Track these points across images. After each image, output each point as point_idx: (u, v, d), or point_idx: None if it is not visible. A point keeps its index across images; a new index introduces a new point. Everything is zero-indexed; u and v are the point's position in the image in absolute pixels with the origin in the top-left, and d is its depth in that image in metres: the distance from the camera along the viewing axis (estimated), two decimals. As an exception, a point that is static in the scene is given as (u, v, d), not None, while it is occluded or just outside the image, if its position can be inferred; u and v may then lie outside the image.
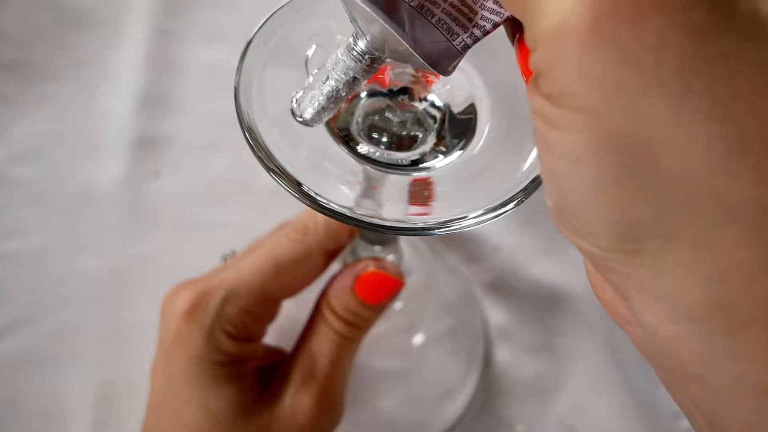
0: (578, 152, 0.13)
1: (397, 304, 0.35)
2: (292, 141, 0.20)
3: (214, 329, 0.26)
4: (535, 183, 0.20)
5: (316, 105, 0.19)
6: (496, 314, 0.38)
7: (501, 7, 0.16)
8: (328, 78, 0.19)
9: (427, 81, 0.23)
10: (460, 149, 0.22)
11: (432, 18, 0.17)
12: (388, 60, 0.19)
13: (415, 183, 0.21)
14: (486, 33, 0.17)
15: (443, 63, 0.17)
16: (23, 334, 0.35)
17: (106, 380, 0.34)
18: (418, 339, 0.36)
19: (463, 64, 0.23)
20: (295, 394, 0.27)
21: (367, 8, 0.16)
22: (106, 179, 0.39)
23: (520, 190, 0.19)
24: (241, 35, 0.22)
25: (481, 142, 0.22)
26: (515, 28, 0.16)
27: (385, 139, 0.23)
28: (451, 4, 0.17)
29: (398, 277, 0.28)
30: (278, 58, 0.21)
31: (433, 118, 0.23)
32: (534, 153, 0.20)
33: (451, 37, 0.17)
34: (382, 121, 0.23)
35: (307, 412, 0.27)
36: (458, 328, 0.37)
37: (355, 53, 0.18)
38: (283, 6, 0.22)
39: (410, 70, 0.23)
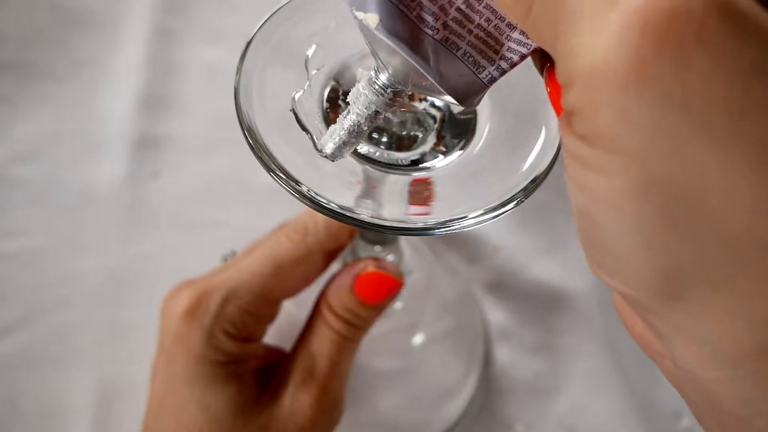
0: (617, 196, 0.12)
1: (397, 304, 0.35)
2: (292, 141, 0.20)
3: (214, 329, 0.26)
4: (535, 183, 0.20)
5: (337, 140, 0.19)
6: (496, 314, 0.38)
7: (528, 38, 0.16)
8: (349, 112, 0.19)
9: (427, 81, 0.23)
10: (460, 149, 0.22)
11: (457, 51, 0.16)
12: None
13: (415, 183, 0.21)
14: (513, 65, 0.16)
15: (469, 97, 0.17)
16: (23, 334, 0.35)
17: (106, 380, 0.34)
18: (418, 339, 0.36)
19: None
20: (294, 394, 0.27)
21: (390, 42, 0.16)
22: (106, 179, 0.39)
23: (520, 190, 0.19)
24: (241, 35, 0.22)
25: (481, 142, 0.22)
26: (544, 58, 0.16)
27: (385, 139, 0.22)
28: (476, 36, 0.16)
29: (398, 277, 0.28)
30: (278, 58, 0.21)
31: (433, 118, 0.23)
32: (534, 153, 0.20)
33: (477, 70, 0.16)
34: (382, 121, 0.23)
35: (306, 412, 0.27)
36: (458, 328, 0.37)
37: (376, 87, 0.18)
38: (283, 6, 0.22)
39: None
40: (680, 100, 0.11)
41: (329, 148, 0.19)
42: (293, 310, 0.31)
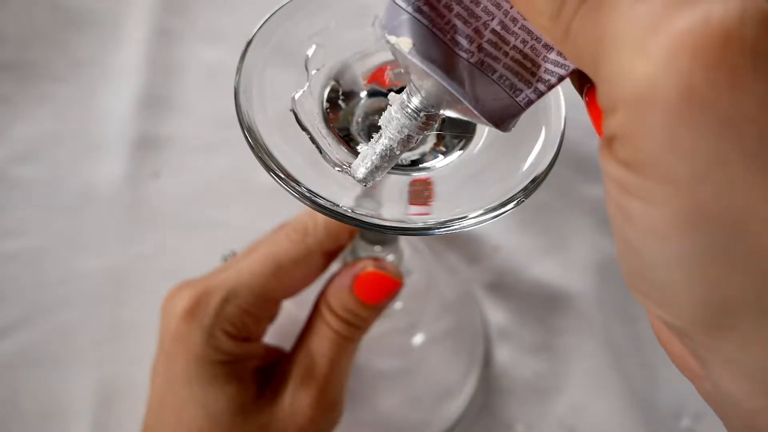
0: (663, 227, 0.12)
1: (397, 304, 0.35)
2: (292, 141, 0.20)
3: (213, 329, 0.26)
4: (535, 183, 0.20)
5: (368, 164, 0.19)
6: (496, 314, 0.38)
7: (566, 59, 0.15)
8: (381, 136, 0.18)
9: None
10: (460, 149, 0.22)
11: (493, 74, 0.16)
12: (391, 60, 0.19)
13: (415, 183, 0.21)
14: (551, 87, 0.16)
15: (506, 121, 0.16)
16: (23, 334, 0.35)
17: (106, 380, 0.34)
18: (418, 339, 0.36)
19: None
20: (294, 394, 0.27)
21: (424, 67, 0.16)
22: (106, 179, 0.39)
23: (520, 190, 0.19)
24: (241, 35, 0.22)
25: (481, 142, 0.22)
26: (583, 79, 0.15)
27: (385, 139, 0.22)
28: (512, 58, 0.16)
29: (397, 277, 0.28)
30: (278, 58, 0.21)
31: (433, 118, 0.23)
32: (534, 153, 0.20)
33: (513, 93, 0.16)
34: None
35: (306, 412, 0.27)
36: (458, 328, 0.37)
37: (409, 110, 0.18)
38: (283, 6, 0.22)
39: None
40: (734, 128, 0.11)
41: (361, 172, 0.19)
42: (293, 310, 0.31)
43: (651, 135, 0.12)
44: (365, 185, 0.19)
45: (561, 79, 0.16)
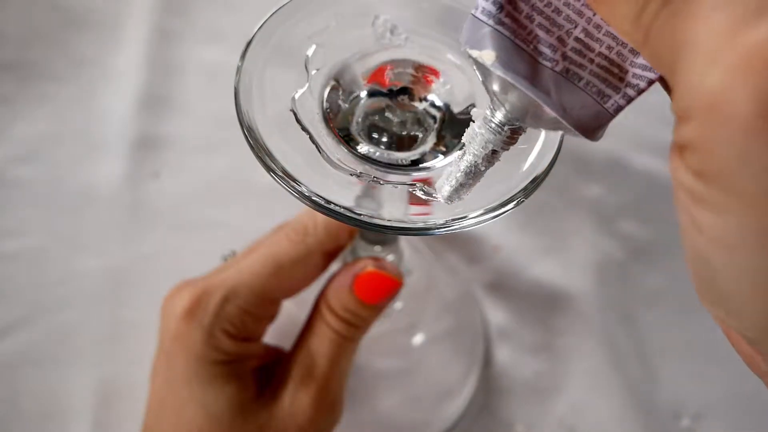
0: (734, 239, 0.12)
1: (397, 304, 0.35)
2: (292, 141, 0.20)
3: (213, 329, 0.26)
4: (535, 183, 0.20)
5: (453, 182, 0.19)
6: (496, 314, 0.38)
7: None
8: (464, 153, 0.18)
9: (427, 81, 0.23)
10: (460, 149, 0.22)
11: (579, 82, 0.16)
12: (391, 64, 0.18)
13: (415, 183, 0.21)
14: (641, 92, 0.16)
15: (595, 129, 0.16)
16: (23, 334, 0.35)
17: (106, 380, 0.34)
18: (418, 339, 0.36)
19: (464, 63, 0.23)
20: (294, 394, 0.27)
21: (509, 78, 0.15)
22: (106, 179, 0.39)
23: (520, 190, 0.19)
24: (241, 35, 0.22)
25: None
26: None
27: (385, 139, 0.23)
28: (598, 65, 0.16)
29: (397, 277, 0.28)
30: (278, 58, 0.21)
31: (433, 118, 0.23)
32: (534, 153, 0.20)
33: (602, 100, 0.16)
34: (382, 121, 0.23)
35: (306, 412, 0.27)
36: (458, 328, 0.37)
37: (493, 125, 0.17)
38: (283, 6, 0.22)
39: (410, 69, 0.23)
40: None
41: (446, 191, 0.19)
42: (293, 310, 0.31)
43: (724, 147, 0.11)
44: (449, 203, 0.19)
45: (651, 82, 0.15)
